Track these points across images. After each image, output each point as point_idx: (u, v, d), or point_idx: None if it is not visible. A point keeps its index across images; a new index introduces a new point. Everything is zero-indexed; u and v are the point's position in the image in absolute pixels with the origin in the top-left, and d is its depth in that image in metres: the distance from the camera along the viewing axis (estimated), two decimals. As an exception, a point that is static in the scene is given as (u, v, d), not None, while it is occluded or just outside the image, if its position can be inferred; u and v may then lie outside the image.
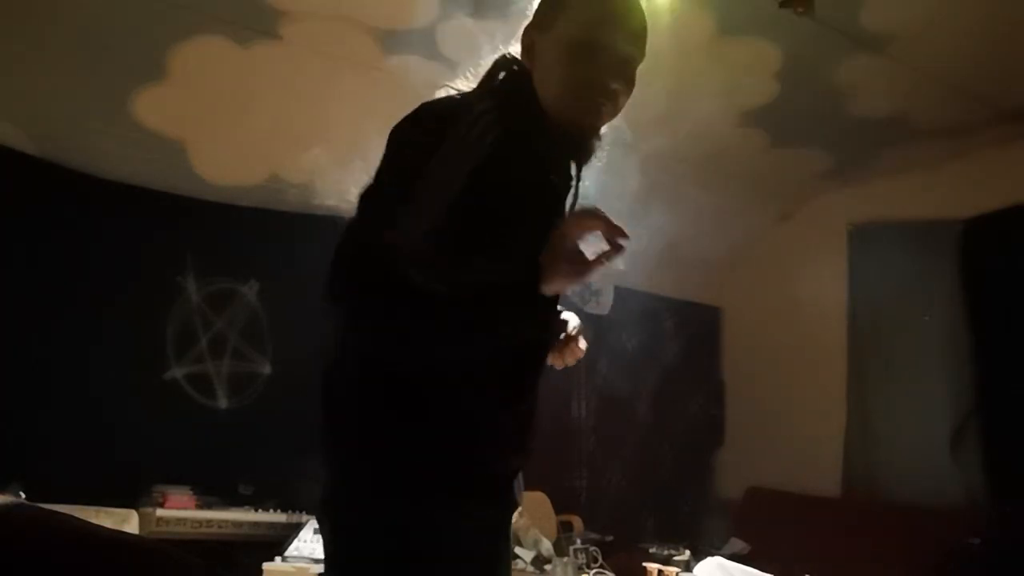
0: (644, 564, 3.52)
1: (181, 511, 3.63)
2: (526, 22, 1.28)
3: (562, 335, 1.38)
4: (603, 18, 1.20)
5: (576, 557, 3.90)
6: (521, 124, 1.17)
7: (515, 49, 1.28)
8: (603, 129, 1.27)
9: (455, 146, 1.10)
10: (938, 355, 4.23)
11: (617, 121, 1.27)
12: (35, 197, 3.65)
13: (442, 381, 1.13)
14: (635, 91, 1.24)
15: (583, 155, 1.25)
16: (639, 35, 1.23)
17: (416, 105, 1.18)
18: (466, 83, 1.26)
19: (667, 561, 3.70)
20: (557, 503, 4.48)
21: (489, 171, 1.09)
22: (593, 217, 1.12)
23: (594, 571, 3.83)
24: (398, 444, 1.12)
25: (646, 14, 1.24)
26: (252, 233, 4.16)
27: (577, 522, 4.59)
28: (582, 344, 1.39)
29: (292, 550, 3.54)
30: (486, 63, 1.27)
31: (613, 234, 1.10)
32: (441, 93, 1.25)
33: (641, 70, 1.24)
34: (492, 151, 1.11)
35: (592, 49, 1.19)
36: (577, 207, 1.24)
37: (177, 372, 3.99)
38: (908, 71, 3.56)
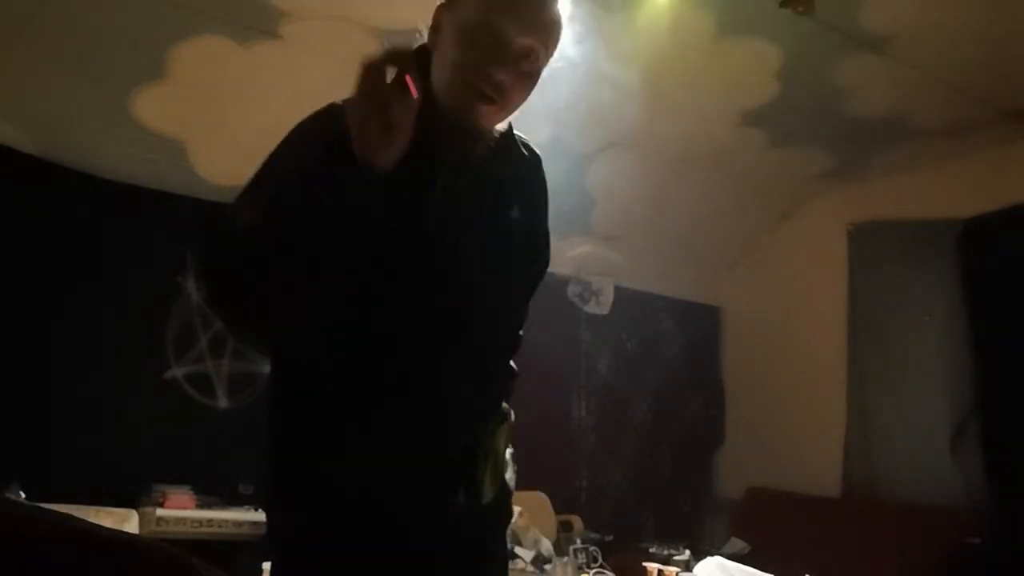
0: (644, 564, 3.52)
1: (181, 511, 3.62)
2: None
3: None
4: (501, 1, 1.12)
5: (576, 557, 3.90)
6: None
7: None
8: (498, 126, 1.19)
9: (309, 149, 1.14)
10: (938, 355, 4.23)
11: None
12: (35, 197, 3.65)
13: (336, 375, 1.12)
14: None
15: (460, 147, 1.16)
16: (543, 26, 1.13)
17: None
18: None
19: (667, 561, 3.71)
20: (557, 503, 4.48)
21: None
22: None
23: (594, 571, 3.84)
24: (290, 452, 1.16)
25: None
26: (252, 233, 4.15)
27: (577, 522, 4.59)
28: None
29: (292, 550, 3.53)
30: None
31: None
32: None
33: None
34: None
35: (483, 33, 1.10)
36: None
37: (177, 372, 3.99)
38: (908, 71, 3.56)
